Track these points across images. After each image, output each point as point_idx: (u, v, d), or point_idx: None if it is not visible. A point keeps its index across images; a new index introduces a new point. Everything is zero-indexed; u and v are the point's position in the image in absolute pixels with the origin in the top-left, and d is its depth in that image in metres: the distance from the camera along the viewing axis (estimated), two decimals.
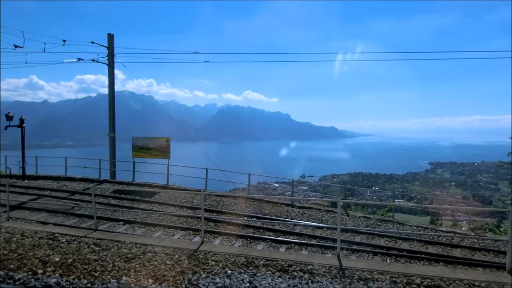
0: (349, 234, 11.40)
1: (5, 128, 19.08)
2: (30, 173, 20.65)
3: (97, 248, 7.67)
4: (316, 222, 12.76)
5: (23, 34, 19.56)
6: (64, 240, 8.25)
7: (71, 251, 7.44)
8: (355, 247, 9.97)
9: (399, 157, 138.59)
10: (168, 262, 6.86)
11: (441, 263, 9.05)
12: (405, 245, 10.49)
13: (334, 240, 10.00)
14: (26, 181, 18.73)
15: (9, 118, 19.04)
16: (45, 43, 19.91)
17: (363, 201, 20.52)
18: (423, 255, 9.50)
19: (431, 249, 10.29)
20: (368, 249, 9.84)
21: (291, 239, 10.46)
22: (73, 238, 8.43)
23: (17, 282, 5.86)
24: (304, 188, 50.99)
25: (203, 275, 6.28)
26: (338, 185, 50.69)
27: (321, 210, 14.85)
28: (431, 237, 11.50)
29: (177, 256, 7.22)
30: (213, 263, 6.90)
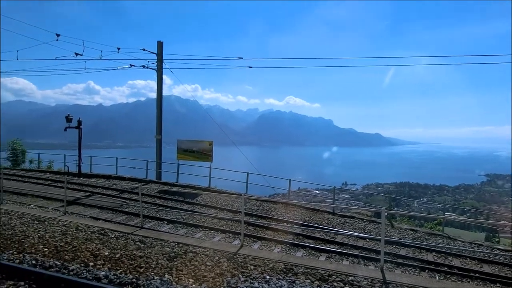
0: (394, 246, 10.85)
1: (65, 129, 20.79)
2: (85, 171, 22.26)
3: (142, 245, 8.04)
4: (358, 232, 12.31)
5: (83, 43, 21.24)
6: (113, 236, 8.75)
7: (119, 247, 7.87)
8: (400, 260, 9.46)
9: (449, 167, 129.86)
10: (208, 263, 7.00)
11: (498, 285, 8.27)
12: (456, 262, 9.75)
13: (378, 252, 9.57)
14: (81, 178, 20.21)
15: (68, 120, 20.72)
16: (101, 51, 21.44)
17: (409, 212, 19.41)
18: (477, 274, 8.75)
19: (487, 268, 9.46)
20: (414, 263, 9.28)
21: (332, 248, 10.18)
22: (121, 234, 8.91)
23: (71, 273, 6.31)
24: (346, 196, 49.49)
25: (242, 279, 6.31)
26: (382, 194, 48.53)
27: (364, 220, 14.30)
28: (486, 255, 10.57)
29: (217, 257, 7.34)
30: (252, 267, 6.91)
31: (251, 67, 22.39)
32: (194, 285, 5.99)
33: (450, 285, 6.56)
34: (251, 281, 6.24)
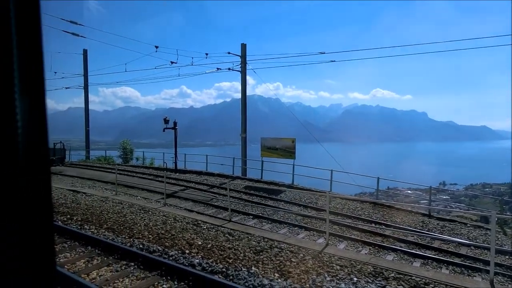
0: (507, 257, 9.34)
1: (163, 130, 23.23)
2: (180, 167, 24.53)
3: (230, 238, 8.52)
4: (460, 238, 10.94)
5: (177, 52, 23.50)
6: (205, 227, 9.47)
7: (210, 237, 8.49)
8: None
9: None
10: (293, 260, 7.05)
11: None
12: None
13: (485, 262, 8.39)
14: (177, 174, 22.32)
15: (166, 122, 23.11)
16: (192, 58, 23.41)
17: None
18: None
19: None
20: None
21: (428, 253, 9.26)
22: (212, 226, 9.58)
23: (171, 258, 7.05)
24: (444, 197, 44.42)
25: (328, 278, 6.20)
26: (491, 196, 42.19)
27: (467, 225, 12.63)
28: None
29: (301, 255, 7.35)
30: (338, 267, 6.73)
31: (334, 61, 21.74)
32: (279, 280, 6.11)
33: None
34: (338, 281, 6.08)
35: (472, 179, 76.63)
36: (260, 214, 12.64)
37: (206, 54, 23.01)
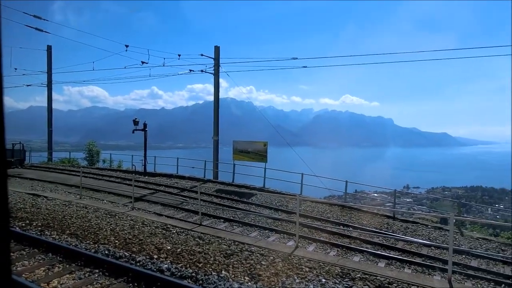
0: (464, 256, 9.93)
1: (133, 132, 22.60)
2: (150, 170, 23.94)
3: (201, 242, 8.42)
4: (421, 239, 11.49)
5: (148, 52, 22.96)
6: (174, 231, 9.30)
7: (179, 242, 8.34)
8: (471, 272, 8.63)
9: None
10: (263, 263, 7.09)
11: None
12: None
13: (444, 261, 8.87)
14: (146, 177, 21.77)
15: (135, 123, 22.50)
16: (164, 58, 22.98)
17: (482, 219, 17.58)
18: None
19: None
20: (488, 276, 8.39)
21: (392, 254, 9.65)
22: (182, 230, 9.43)
23: (138, 264, 6.85)
24: (408, 200, 46.44)
25: (297, 280, 6.29)
26: (450, 199, 44.60)
27: (429, 226, 13.30)
28: None
29: (271, 257, 7.41)
30: (307, 269, 6.85)
31: (306, 67, 22.18)
32: (249, 283, 6.12)
33: None
34: (306, 283, 6.19)
35: (433, 183, 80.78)
36: (231, 218, 12.61)
37: (179, 55, 22.70)
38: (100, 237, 8.57)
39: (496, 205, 54.83)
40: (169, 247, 7.89)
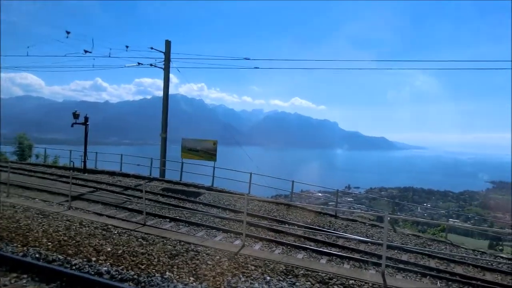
0: (396, 251, 10.81)
1: (72, 125, 20.99)
2: (90, 167, 22.45)
3: (144, 242, 8.10)
4: (360, 236, 12.27)
5: (92, 41, 21.49)
6: (116, 232, 8.83)
7: (121, 243, 7.94)
8: (401, 265, 9.42)
9: (455, 173, 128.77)
10: (209, 262, 7.03)
11: None
12: (458, 269, 9.68)
13: (379, 257, 9.55)
14: (86, 174, 20.37)
15: (76, 116, 20.91)
16: (110, 49, 21.64)
17: (413, 217, 19.28)
18: (479, 282, 8.68)
19: (489, 277, 9.38)
20: (416, 269, 9.23)
21: (333, 251, 10.17)
22: (124, 231, 8.99)
23: (73, 267, 6.39)
24: (349, 199, 49.33)
25: (242, 279, 6.34)
26: (386, 199, 48.28)
27: (366, 224, 14.26)
28: (489, 263, 10.49)
29: (218, 257, 7.38)
30: (253, 267, 6.94)
31: (258, 68, 22.45)
32: (194, 284, 6.03)
33: None
34: (252, 281, 6.26)
35: (372, 183, 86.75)
36: (178, 217, 12.32)
37: (127, 46, 21.58)
38: (30, 239, 7.83)
39: (425, 204, 60.54)
40: (109, 249, 7.48)
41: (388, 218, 8.35)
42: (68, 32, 20.46)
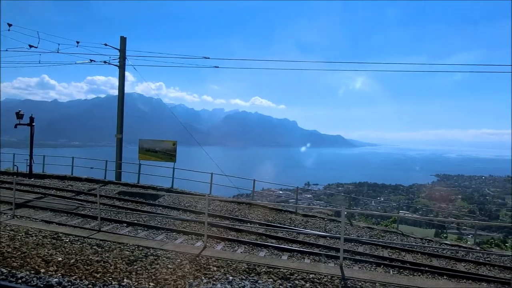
0: (353, 244, 11.30)
1: (15, 126, 19.37)
2: (37, 171, 20.88)
3: (99, 249, 7.71)
4: (319, 231, 12.67)
5: (38, 34, 19.88)
6: (67, 240, 8.30)
7: (74, 251, 7.48)
8: (358, 257, 9.87)
9: (405, 168, 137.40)
10: (170, 266, 6.86)
11: (445, 277, 8.91)
12: (408, 257, 10.35)
13: (337, 250, 9.92)
14: (33, 179, 18.93)
15: (19, 116, 19.32)
16: (59, 44, 20.23)
17: (367, 211, 20.35)
18: (427, 268, 9.36)
19: (435, 262, 10.15)
20: (371, 259, 9.73)
21: (294, 247, 10.39)
22: (77, 238, 8.48)
23: (19, 281, 5.90)
24: (308, 196, 50.72)
25: (204, 281, 6.27)
26: (342, 194, 50.39)
27: (325, 219, 14.75)
28: (435, 250, 11.34)
29: (179, 260, 7.22)
30: (215, 268, 6.88)
31: (218, 67, 22.28)
32: None
33: (402, 279, 6.97)
34: (214, 282, 6.22)
35: (330, 179, 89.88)
36: (136, 221, 11.87)
37: (77, 42, 20.28)
38: None
39: (378, 198, 64.00)
40: (60, 259, 7.01)
41: (345, 213, 8.71)
42: (9, 25, 18.80)
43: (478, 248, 13.07)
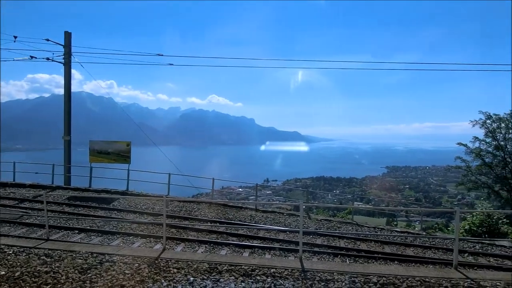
0: (311, 236, 11.67)
1: None
2: None
3: (48, 260, 7.19)
4: (279, 226, 12.91)
5: None
6: (11, 252, 7.64)
7: (19, 264, 6.91)
8: (316, 249, 10.22)
9: (358, 161, 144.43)
10: (127, 272, 6.59)
11: (396, 262, 9.54)
12: (363, 246, 10.92)
13: (297, 243, 10.19)
14: None
15: None
16: None
17: (324, 204, 21.15)
18: (380, 255, 9.95)
19: (387, 249, 10.82)
20: (329, 250, 10.13)
21: (255, 243, 10.50)
22: (22, 249, 7.83)
23: None
24: (268, 192, 51.48)
25: (165, 284, 6.11)
26: (300, 189, 51.76)
27: (284, 214, 15.06)
28: (387, 238, 12.09)
29: (136, 264, 6.97)
30: (175, 270, 6.74)
31: (172, 64, 21.69)
32: None
33: (358, 267, 7.34)
34: (174, 284, 6.09)
35: (288, 175, 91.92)
36: (88, 227, 11.25)
37: (15, 37, 18.65)
38: None
39: (334, 191, 66.70)
40: (3, 272, 6.43)
41: (303, 207, 8.97)
42: None
43: (424, 233, 14.17)
